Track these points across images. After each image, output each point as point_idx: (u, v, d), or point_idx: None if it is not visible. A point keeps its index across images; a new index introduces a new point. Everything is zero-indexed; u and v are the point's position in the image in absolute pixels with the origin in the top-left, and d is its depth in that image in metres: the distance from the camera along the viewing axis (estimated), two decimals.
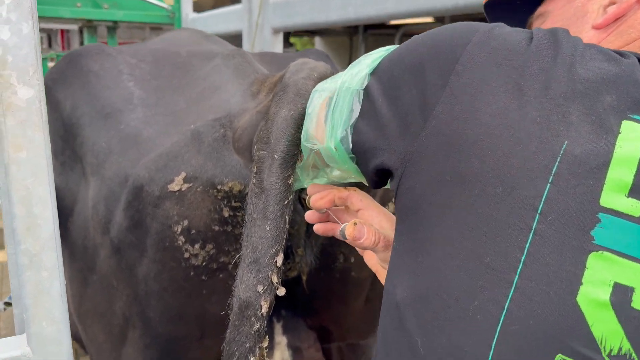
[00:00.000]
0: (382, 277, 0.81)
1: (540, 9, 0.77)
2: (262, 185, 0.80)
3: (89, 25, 3.53)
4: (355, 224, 0.73)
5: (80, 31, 3.96)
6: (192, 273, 0.96)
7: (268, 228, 0.79)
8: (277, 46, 2.38)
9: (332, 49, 10.71)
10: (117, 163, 1.08)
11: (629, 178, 0.49)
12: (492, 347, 0.50)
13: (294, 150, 0.81)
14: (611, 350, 0.47)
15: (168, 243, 0.95)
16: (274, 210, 0.79)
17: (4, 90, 0.69)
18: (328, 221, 0.84)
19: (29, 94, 0.69)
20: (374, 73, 0.67)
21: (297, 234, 1.05)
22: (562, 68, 0.53)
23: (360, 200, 0.79)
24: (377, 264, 0.82)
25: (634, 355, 0.47)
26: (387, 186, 0.77)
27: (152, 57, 1.38)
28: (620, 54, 0.55)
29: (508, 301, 0.50)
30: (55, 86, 1.31)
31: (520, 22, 0.81)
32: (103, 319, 1.15)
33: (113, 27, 3.59)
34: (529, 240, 0.50)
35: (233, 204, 0.93)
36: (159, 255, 0.96)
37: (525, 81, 0.53)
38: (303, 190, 1.03)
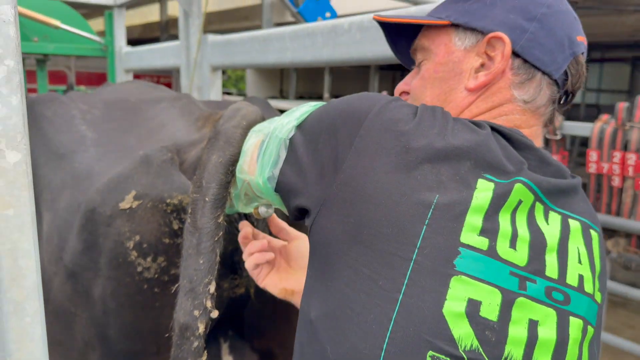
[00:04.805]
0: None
1: (423, 42, 0.86)
2: (196, 225, 0.92)
3: None
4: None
5: None
6: (145, 286, 1.04)
7: (201, 262, 0.91)
8: (216, 82, 2.38)
9: (263, 78, 11.13)
10: (70, 195, 1.16)
11: (479, 222, 0.66)
12: (383, 349, 0.64)
13: (223, 193, 0.94)
14: (465, 346, 0.63)
15: (121, 259, 1.02)
16: (206, 247, 0.91)
17: None
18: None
19: (16, 157, 0.78)
20: (300, 126, 0.81)
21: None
22: (438, 137, 0.69)
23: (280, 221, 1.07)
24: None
25: (480, 349, 0.63)
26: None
27: (103, 103, 1.48)
28: (477, 124, 0.73)
29: (395, 314, 0.64)
30: None
31: (407, 41, 0.92)
32: (61, 347, 1.19)
33: (43, 60, 3.50)
34: (410, 268, 0.65)
35: (182, 216, 1.02)
36: (113, 273, 1.04)
37: (410, 145, 0.69)
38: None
